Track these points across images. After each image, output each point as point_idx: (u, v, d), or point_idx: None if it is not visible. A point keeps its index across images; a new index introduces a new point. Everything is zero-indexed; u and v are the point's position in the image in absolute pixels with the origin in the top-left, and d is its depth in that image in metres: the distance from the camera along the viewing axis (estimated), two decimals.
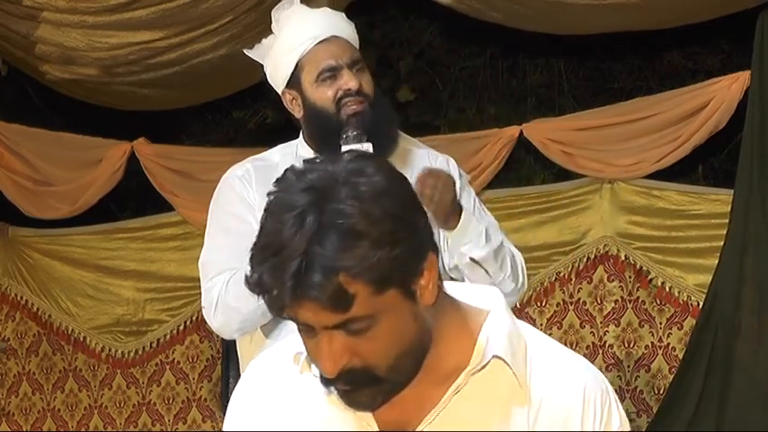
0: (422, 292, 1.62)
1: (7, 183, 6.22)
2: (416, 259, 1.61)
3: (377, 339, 1.60)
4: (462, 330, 1.71)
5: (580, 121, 5.62)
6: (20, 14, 5.44)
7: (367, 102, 2.92)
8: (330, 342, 1.60)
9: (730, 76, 5.27)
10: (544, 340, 1.77)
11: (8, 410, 6.40)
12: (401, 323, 1.61)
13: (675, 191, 5.44)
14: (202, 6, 5.25)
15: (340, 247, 1.54)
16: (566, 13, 5.09)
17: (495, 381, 1.69)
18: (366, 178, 1.59)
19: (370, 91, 2.94)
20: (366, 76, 2.96)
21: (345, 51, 2.95)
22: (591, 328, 5.51)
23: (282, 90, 3.04)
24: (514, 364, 1.69)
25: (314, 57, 2.94)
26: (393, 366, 1.62)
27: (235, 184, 3.01)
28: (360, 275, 1.55)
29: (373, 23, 6.48)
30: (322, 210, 1.56)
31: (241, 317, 2.91)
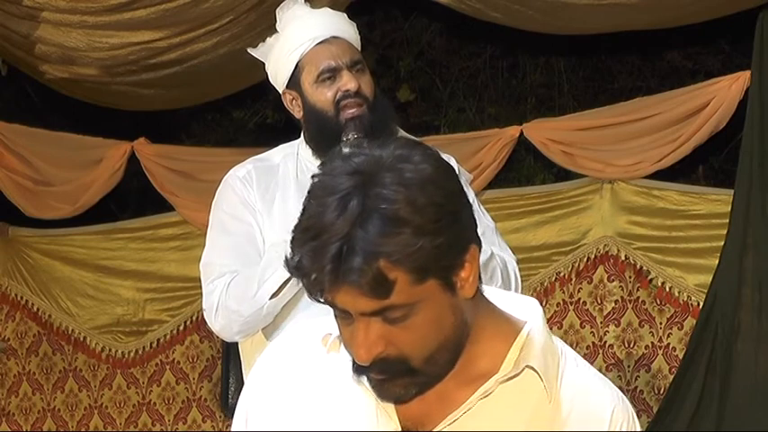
0: (462, 284, 1.60)
1: (7, 183, 6.22)
2: (458, 250, 1.58)
3: (414, 329, 1.57)
4: (498, 335, 1.68)
5: (580, 121, 5.62)
6: (20, 14, 5.44)
7: (366, 104, 2.92)
8: (366, 329, 1.57)
9: (730, 76, 5.27)
10: (578, 360, 1.77)
11: (8, 410, 6.40)
12: (439, 314, 1.59)
13: (676, 191, 5.44)
14: (203, 6, 5.24)
15: (382, 232, 1.52)
16: (566, 12, 5.09)
17: (523, 392, 1.67)
18: (413, 165, 1.56)
19: (369, 92, 2.94)
20: (366, 77, 2.96)
21: (345, 52, 2.95)
22: (591, 328, 5.51)
23: (283, 90, 3.04)
24: (546, 378, 1.68)
25: (313, 57, 2.94)
26: (429, 358, 1.60)
27: (236, 185, 3.01)
28: (401, 262, 1.52)
29: (373, 23, 6.48)
30: (366, 194, 1.53)
31: (242, 320, 2.91)
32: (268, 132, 6.70)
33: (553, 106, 6.38)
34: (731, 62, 5.97)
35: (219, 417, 5.99)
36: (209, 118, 6.88)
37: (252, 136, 6.72)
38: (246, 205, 2.96)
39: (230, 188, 3.02)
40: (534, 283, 5.58)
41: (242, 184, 3.00)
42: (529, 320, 1.71)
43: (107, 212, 6.45)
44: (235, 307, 2.89)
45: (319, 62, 2.94)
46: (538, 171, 6.13)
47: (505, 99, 6.47)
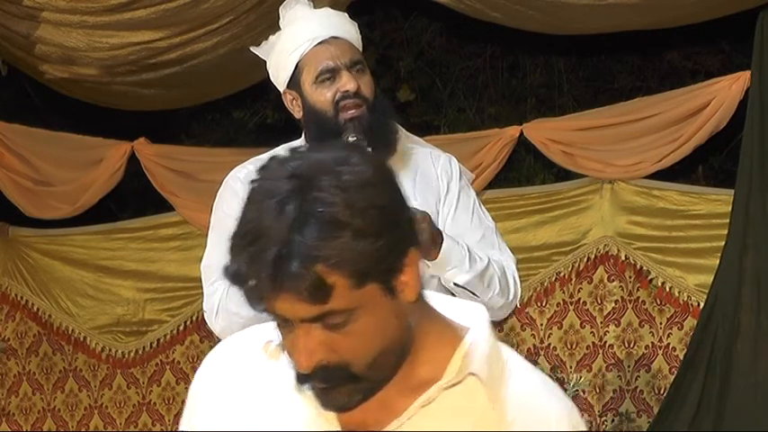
0: (403, 288, 1.56)
1: (7, 183, 6.22)
2: (398, 253, 1.55)
3: (355, 335, 1.54)
4: (441, 341, 1.64)
5: (580, 121, 5.62)
6: (20, 14, 5.44)
7: (365, 105, 2.91)
8: (307, 336, 1.55)
9: (730, 76, 5.27)
10: (524, 365, 1.70)
11: (8, 410, 6.40)
12: (381, 319, 1.56)
13: (676, 191, 5.44)
14: (203, 6, 5.24)
15: (320, 236, 1.49)
16: (566, 12, 5.09)
17: (467, 399, 1.63)
18: (351, 167, 1.54)
19: (369, 93, 2.93)
20: (366, 77, 2.95)
21: (345, 52, 2.94)
22: (591, 328, 5.51)
23: (283, 90, 3.04)
24: (490, 386, 1.63)
25: (313, 58, 2.94)
26: (371, 364, 1.56)
27: (236, 186, 3.01)
28: (339, 266, 1.50)
29: (373, 23, 6.48)
30: (304, 198, 1.51)
31: (242, 321, 2.91)
32: (268, 132, 6.70)
33: (553, 106, 6.38)
34: (731, 62, 5.97)
35: None
36: (209, 118, 6.88)
37: (252, 136, 6.72)
38: None
39: (231, 189, 3.02)
40: (534, 283, 5.58)
41: (242, 186, 3.00)
42: (473, 327, 1.66)
43: (107, 212, 6.45)
44: (235, 309, 2.90)
45: (318, 62, 2.93)
46: (538, 171, 6.13)
47: (505, 99, 6.47)
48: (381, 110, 2.97)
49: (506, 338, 5.64)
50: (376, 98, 2.96)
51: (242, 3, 5.22)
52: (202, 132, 6.90)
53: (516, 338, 5.62)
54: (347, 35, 2.99)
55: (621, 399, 5.45)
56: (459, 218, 3.01)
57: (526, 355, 5.53)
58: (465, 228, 3.01)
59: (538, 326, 5.59)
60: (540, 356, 5.49)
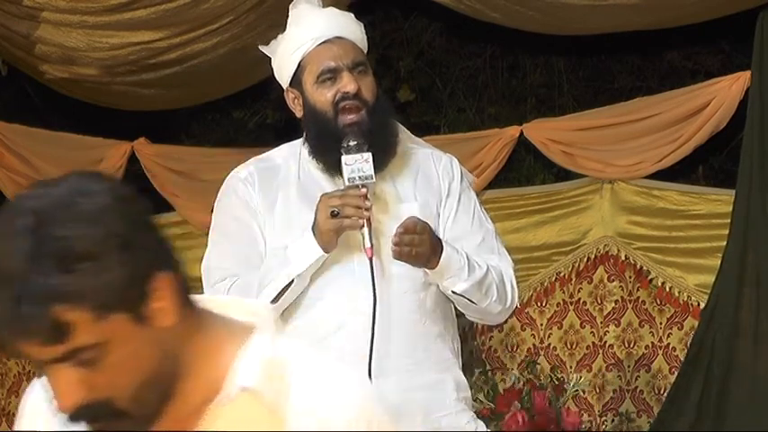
0: (155, 315, 1.49)
1: (7, 183, 6.21)
2: (141, 280, 1.48)
3: (111, 369, 1.46)
4: (218, 355, 1.55)
5: (580, 121, 5.62)
6: (20, 14, 5.44)
7: (365, 108, 2.90)
8: (61, 377, 1.47)
9: (730, 76, 5.27)
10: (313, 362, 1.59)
11: (8, 410, 6.40)
12: (136, 350, 1.48)
13: (676, 191, 5.44)
14: (203, 6, 5.25)
15: (55, 273, 1.42)
16: (566, 13, 5.09)
17: (245, 415, 1.53)
18: (88, 198, 1.47)
19: (369, 96, 2.92)
20: (367, 79, 2.94)
21: (348, 53, 2.93)
22: (591, 328, 5.51)
23: (286, 88, 3.03)
24: (268, 395, 1.53)
25: (315, 57, 2.93)
26: (135, 398, 1.48)
27: (237, 187, 3.00)
28: (78, 302, 1.42)
29: (373, 23, 6.47)
30: (39, 234, 1.43)
31: None
32: (268, 132, 6.69)
33: (553, 106, 6.37)
34: (731, 62, 5.97)
35: None
36: (209, 118, 6.88)
37: (252, 136, 6.71)
38: (248, 208, 2.95)
39: (232, 190, 3.01)
40: (534, 283, 5.58)
41: (243, 186, 2.99)
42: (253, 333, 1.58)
43: None
44: None
45: (320, 62, 2.92)
46: (538, 171, 6.13)
47: (505, 99, 6.46)
48: (382, 112, 2.95)
49: (506, 338, 5.64)
50: (377, 100, 2.95)
51: (242, 3, 5.22)
52: (202, 132, 6.89)
53: (516, 338, 5.62)
54: (351, 35, 2.97)
55: (621, 399, 5.45)
56: (459, 220, 3.00)
57: (526, 355, 5.54)
58: (465, 231, 3.00)
59: (538, 326, 5.59)
60: (540, 356, 5.49)
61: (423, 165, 3.02)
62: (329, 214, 2.75)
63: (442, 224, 2.98)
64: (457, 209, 3.00)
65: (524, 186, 5.90)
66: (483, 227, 3.04)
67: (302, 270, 2.81)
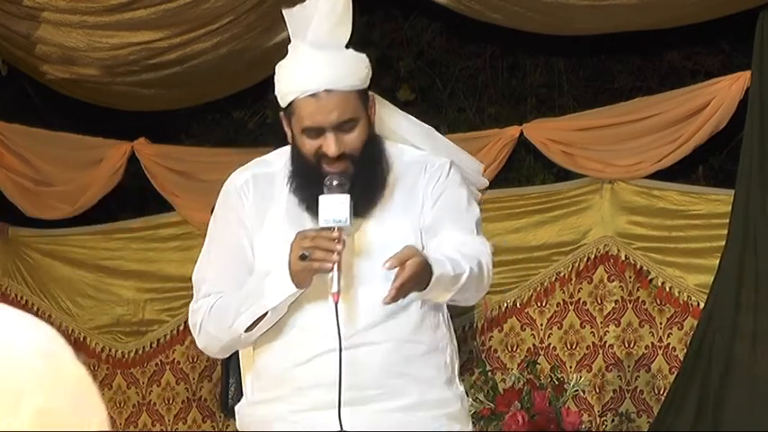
0: None
1: (7, 183, 6.22)
2: None
3: None
4: None
5: (580, 121, 5.62)
6: (20, 14, 5.44)
7: (350, 161, 2.82)
8: None
9: (730, 76, 5.27)
10: None
11: None
12: None
13: (676, 191, 5.44)
14: (203, 6, 5.25)
15: None
16: (565, 13, 5.09)
17: None
18: None
19: (355, 149, 2.82)
20: (354, 133, 2.83)
21: (333, 110, 2.80)
22: (591, 328, 5.51)
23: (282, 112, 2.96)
24: None
25: (302, 110, 2.83)
26: None
27: (231, 196, 2.96)
28: None
29: (373, 23, 6.47)
30: None
31: (221, 344, 2.92)
32: (268, 132, 6.69)
33: (553, 106, 6.37)
34: (731, 62, 5.96)
35: (219, 417, 5.99)
36: (209, 118, 6.87)
37: (252, 136, 6.71)
38: (239, 222, 2.92)
39: (227, 199, 2.97)
40: (534, 283, 5.58)
41: (237, 196, 2.94)
42: None
43: (107, 212, 6.44)
44: (214, 332, 2.89)
45: (305, 116, 2.82)
46: (538, 171, 6.13)
47: (505, 99, 6.46)
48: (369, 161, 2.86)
49: (506, 338, 5.64)
50: (365, 147, 2.85)
51: (242, 3, 5.22)
52: (202, 132, 6.89)
53: (516, 338, 5.62)
54: (343, 83, 2.83)
55: (621, 399, 5.45)
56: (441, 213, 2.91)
57: (526, 355, 5.54)
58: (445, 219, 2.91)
59: (538, 326, 5.59)
60: (540, 356, 5.49)
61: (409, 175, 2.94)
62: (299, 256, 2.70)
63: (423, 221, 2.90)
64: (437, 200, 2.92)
65: (524, 186, 5.90)
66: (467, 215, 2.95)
67: (276, 304, 2.78)
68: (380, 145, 2.94)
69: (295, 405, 2.81)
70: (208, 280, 2.94)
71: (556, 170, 5.91)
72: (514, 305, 5.63)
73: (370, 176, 2.87)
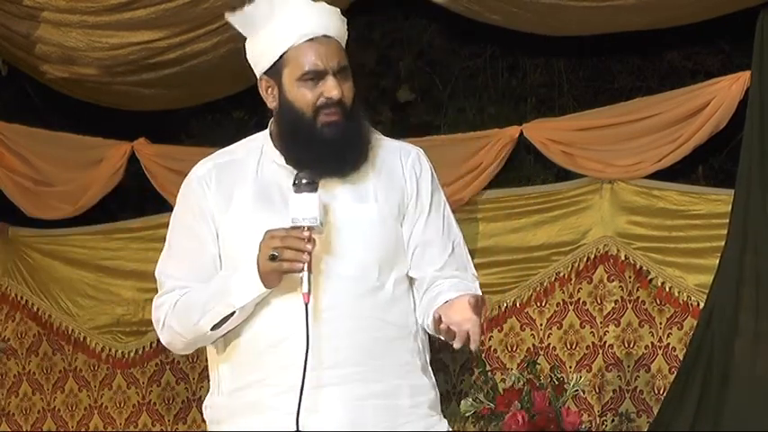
0: None
1: (7, 183, 6.22)
2: None
3: None
4: None
5: (580, 121, 5.62)
6: (20, 14, 5.44)
7: (344, 112, 2.80)
8: None
9: (730, 76, 5.27)
10: None
11: (8, 410, 6.40)
12: None
13: (676, 191, 5.44)
14: (202, 6, 5.25)
15: None
16: (565, 14, 5.09)
17: None
18: None
19: (349, 100, 2.82)
20: (348, 83, 2.83)
21: (334, 55, 2.82)
22: (591, 328, 5.51)
23: (260, 75, 2.91)
24: None
25: (301, 54, 2.81)
26: None
27: (193, 188, 2.91)
28: None
29: (373, 23, 6.47)
30: None
31: (185, 341, 2.89)
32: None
33: (553, 106, 6.37)
34: (731, 62, 5.96)
35: None
36: (209, 118, 6.87)
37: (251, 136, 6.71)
38: (202, 214, 2.88)
39: (188, 192, 2.92)
40: (534, 283, 5.58)
41: (199, 187, 2.89)
42: None
43: (107, 212, 6.44)
44: (178, 329, 2.85)
45: (305, 61, 2.80)
46: (538, 171, 6.12)
47: (505, 99, 6.46)
48: (358, 117, 2.85)
49: (506, 338, 5.64)
50: (354, 104, 2.84)
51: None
52: (202, 132, 6.89)
53: (516, 338, 5.62)
54: (338, 34, 2.86)
55: (621, 399, 5.44)
56: (430, 226, 2.89)
57: (526, 355, 5.54)
58: (436, 238, 2.89)
59: (537, 326, 5.59)
60: (539, 356, 5.49)
61: (387, 160, 2.90)
62: (269, 257, 2.66)
63: (410, 226, 2.87)
64: (429, 212, 2.89)
65: (524, 186, 5.90)
66: (452, 234, 2.92)
67: (244, 303, 2.74)
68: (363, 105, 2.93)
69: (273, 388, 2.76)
70: (171, 275, 2.91)
71: (556, 170, 5.91)
72: (514, 305, 5.62)
73: (358, 133, 2.84)
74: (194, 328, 2.82)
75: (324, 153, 2.79)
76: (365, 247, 2.79)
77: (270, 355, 2.77)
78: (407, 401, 2.81)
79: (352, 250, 2.78)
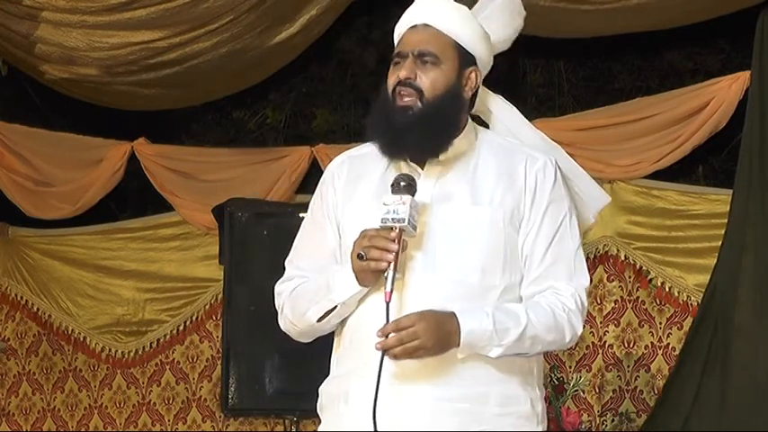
0: None
1: (7, 183, 6.22)
2: None
3: None
4: None
5: (580, 121, 5.62)
6: (20, 14, 5.44)
7: (420, 97, 2.81)
8: None
9: (730, 76, 5.27)
10: None
11: (8, 410, 6.40)
12: None
13: (675, 191, 5.44)
14: (202, 6, 5.25)
15: None
16: (564, 17, 5.09)
17: None
18: None
19: (428, 87, 2.82)
20: (433, 72, 2.83)
21: (423, 41, 2.85)
22: (591, 328, 5.51)
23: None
24: None
25: (399, 40, 2.91)
26: None
27: (325, 180, 2.96)
28: None
29: (373, 23, 6.47)
30: None
31: (297, 330, 2.93)
32: (268, 132, 6.69)
33: (553, 106, 6.37)
34: (731, 62, 5.97)
35: (219, 417, 5.99)
36: (209, 118, 6.88)
37: (252, 136, 6.72)
38: (326, 206, 2.91)
39: (321, 185, 2.96)
40: None
41: (331, 178, 2.94)
42: None
43: (107, 212, 6.45)
44: (290, 317, 2.91)
45: (397, 46, 2.90)
46: None
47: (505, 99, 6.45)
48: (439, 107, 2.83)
49: None
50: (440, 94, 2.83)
51: (242, 3, 5.22)
52: (202, 132, 6.90)
53: None
54: (443, 24, 2.87)
55: (621, 399, 5.45)
56: (537, 243, 2.83)
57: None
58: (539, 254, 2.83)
59: None
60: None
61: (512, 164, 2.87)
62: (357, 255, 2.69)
63: (523, 236, 2.83)
64: (540, 226, 2.84)
65: None
66: (561, 248, 2.84)
67: (343, 300, 2.78)
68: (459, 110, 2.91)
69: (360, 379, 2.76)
70: (296, 262, 2.95)
71: None
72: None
73: (435, 121, 2.83)
74: (303, 319, 2.87)
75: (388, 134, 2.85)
76: (468, 249, 2.78)
77: (358, 350, 2.78)
78: (495, 410, 2.78)
79: (455, 252, 2.77)
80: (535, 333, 2.76)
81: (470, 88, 2.95)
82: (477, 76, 2.98)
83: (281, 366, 5.09)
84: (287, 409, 5.14)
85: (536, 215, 2.85)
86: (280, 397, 5.12)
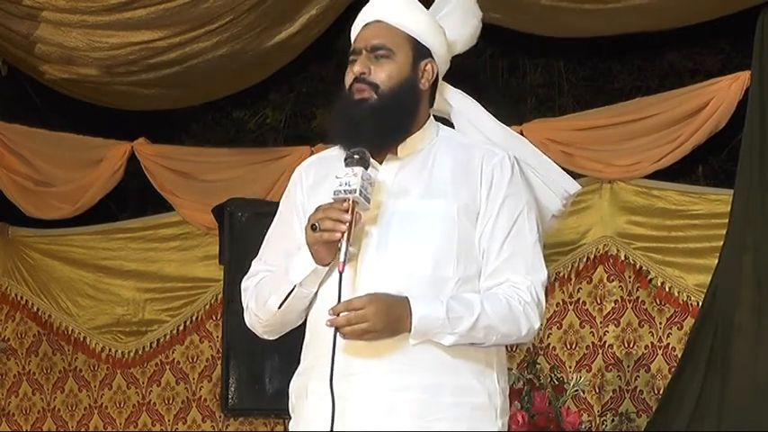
0: None
1: (7, 183, 6.22)
2: None
3: None
4: None
5: (580, 121, 5.62)
6: (20, 14, 5.44)
7: (375, 91, 2.83)
8: None
9: (730, 76, 5.27)
10: None
11: (8, 410, 6.40)
12: None
13: (675, 191, 5.45)
14: (202, 6, 5.25)
15: None
16: (565, 17, 5.09)
17: None
18: None
19: (382, 80, 2.84)
20: (387, 65, 2.85)
21: (375, 36, 2.87)
22: (591, 328, 5.51)
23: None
24: None
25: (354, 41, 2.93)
26: None
27: (293, 178, 2.99)
28: None
29: None
30: None
31: (262, 323, 2.93)
32: (268, 132, 6.70)
33: (553, 106, 6.37)
34: (731, 62, 5.97)
35: (219, 417, 5.99)
36: (209, 118, 6.88)
37: (252, 136, 6.72)
38: (294, 204, 2.93)
39: (291, 181, 2.99)
40: None
41: (299, 177, 2.97)
42: None
43: (107, 212, 6.45)
44: (255, 310, 2.92)
45: (351, 44, 2.92)
46: None
47: (505, 99, 6.46)
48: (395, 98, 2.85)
49: None
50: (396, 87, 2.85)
51: (242, 3, 5.22)
52: (202, 132, 6.90)
53: None
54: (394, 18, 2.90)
55: (621, 399, 5.45)
56: (494, 236, 2.83)
57: (526, 355, 5.54)
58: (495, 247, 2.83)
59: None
60: (539, 356, 5.49)
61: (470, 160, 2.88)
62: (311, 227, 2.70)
63: (479, 230, 2.83)
64: (496, 219, 2.84)
65: None
66: (519, 240, 2.84)
67: (300, 279, 2.77)
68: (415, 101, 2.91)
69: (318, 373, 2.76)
70: (264, 258, 2.97)
71: None
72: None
73: (391, 112, 2.84)
74: (265, 309, 2.87)
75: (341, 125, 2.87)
76: (420, 240, 2.78)
77: (317, 344, 2.79)
78: (449, 399, 2.77)
79: (407, 243, 2.77)
80: (489, 323, 2.76)
81: (427, 80, 2.94)
82: (434, 68, 2.98)
83: (281, 366, 5.09)
84: (287, 409, 5.14)
85: (492, 208, 2.85)
86: (280, 397, 5.08)
